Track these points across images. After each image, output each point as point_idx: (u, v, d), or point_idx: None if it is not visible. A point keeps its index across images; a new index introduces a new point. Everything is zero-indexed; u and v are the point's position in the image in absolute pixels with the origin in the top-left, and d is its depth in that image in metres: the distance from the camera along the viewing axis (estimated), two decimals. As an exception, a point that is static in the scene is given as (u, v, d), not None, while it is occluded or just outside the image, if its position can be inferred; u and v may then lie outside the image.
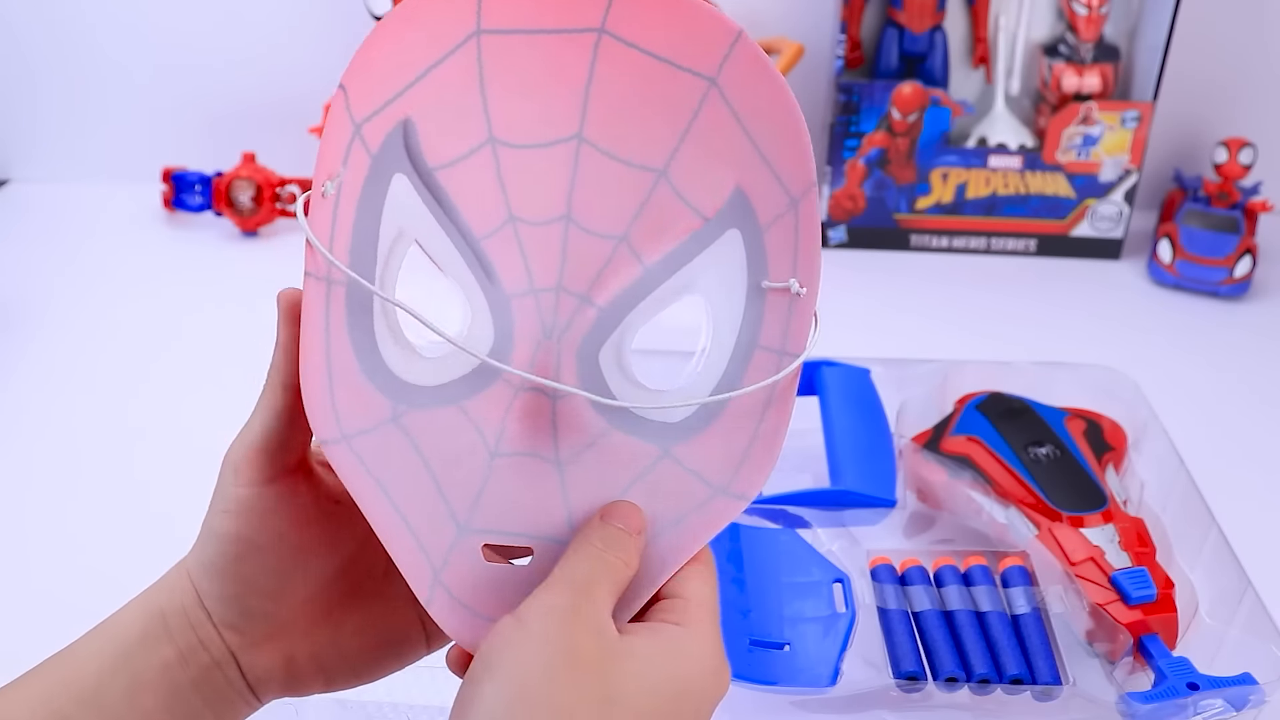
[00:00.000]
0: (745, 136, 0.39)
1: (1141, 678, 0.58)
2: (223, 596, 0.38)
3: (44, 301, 0.99)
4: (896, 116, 1.03)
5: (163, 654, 0.38)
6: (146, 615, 0.39)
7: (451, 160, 0.38)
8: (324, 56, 1.12)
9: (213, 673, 0.39)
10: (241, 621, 0.39)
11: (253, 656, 0.39)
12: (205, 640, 0.39)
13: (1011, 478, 0.68)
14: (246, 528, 0.38)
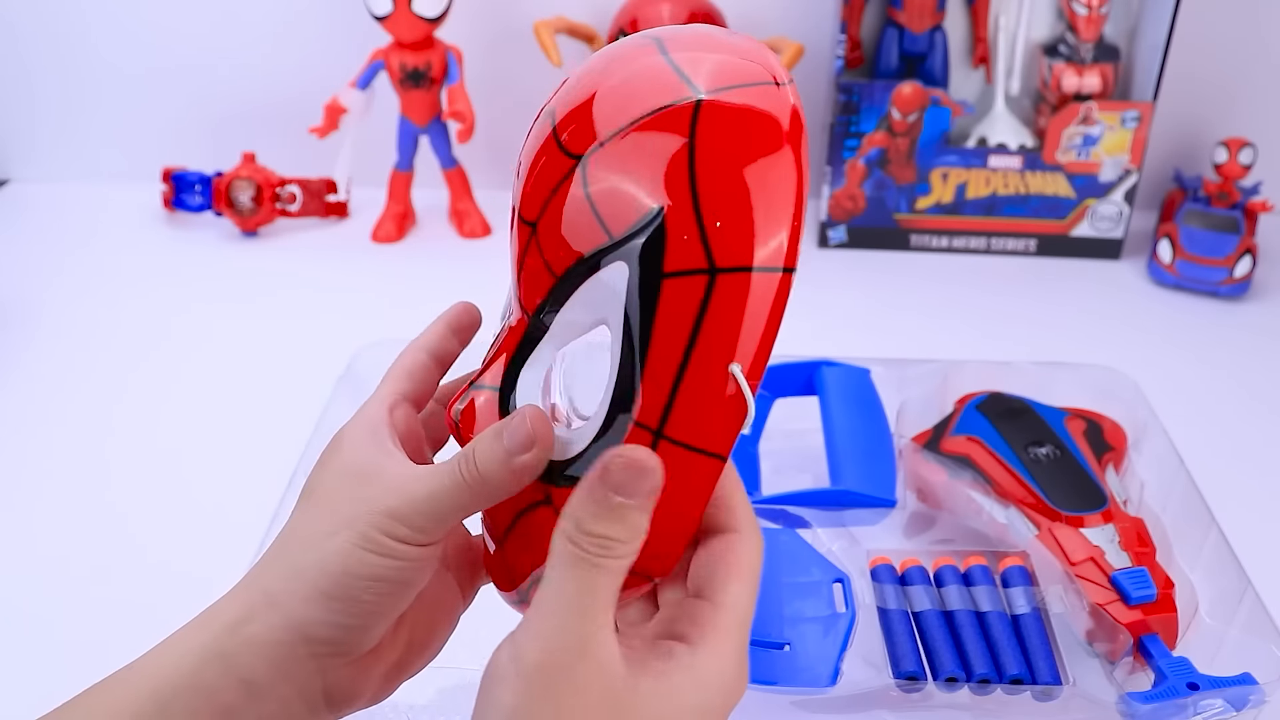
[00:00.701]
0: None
1: (1141, 678, 0.58)
2: (349, 626, 0.36)
3: (43, 301, 0.99)
4: (896, 116, 1.03)
5: (224, 698, 0.35)
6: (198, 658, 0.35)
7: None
8: (324, 56, 1.12)
9: (291, 702, 0.36)
10: (354, 646, 0.37)
11: (348, 672, 0.37)
12: (292, 672, 0.36)
13: (1011, 478, 0.68)
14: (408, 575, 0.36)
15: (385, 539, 0.36)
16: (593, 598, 0.32)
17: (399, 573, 0.36)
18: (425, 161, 1.10)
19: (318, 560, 0.36)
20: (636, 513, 0.32)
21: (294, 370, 0.87)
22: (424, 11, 1.00)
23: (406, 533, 0.36)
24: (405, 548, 0.36)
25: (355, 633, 0.36)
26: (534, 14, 1.06)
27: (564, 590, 0.32)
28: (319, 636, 0.36)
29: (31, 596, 0.67)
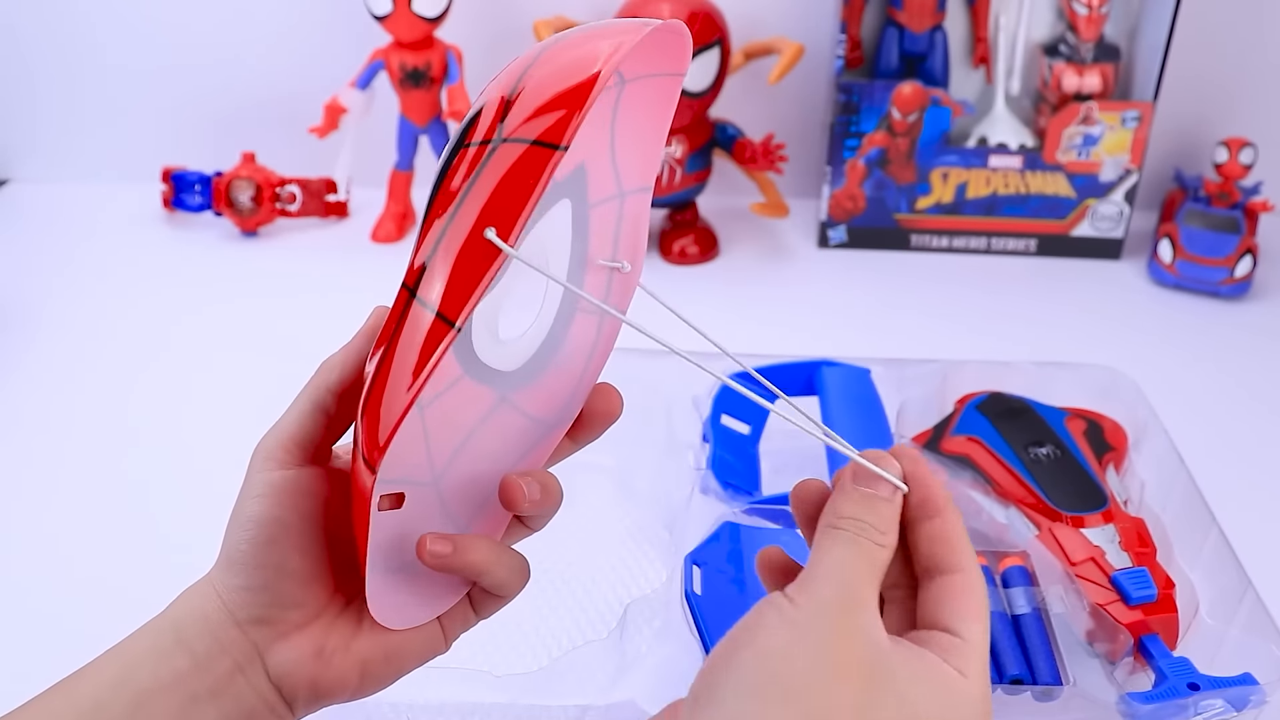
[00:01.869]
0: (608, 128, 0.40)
1: (1142, 678, 0.58)
2: (251, 586, 0.38)
3: (43, 301, 0.99)
4: (896, 116, 1.03)
5: (174, 665, 0.37)
6: (156, 630, 0.39)
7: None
8: (324, 56, 1.12)
9: (234, 679, 0.38)
10: (270, 612, 0.39)
11: (282, 651, 0.39)
12: (226, 643, 0.38)
13: (1012, 478, 0.68)
14: (277, 507, 0.38)
15: (262, 476, 0.39)
16: (860, 568, 0.34)
17: (270, 508, 0.38)
18: (425, 161, 1.10)
19: (227, 530, 0.40)
20: (886, 504, 0.36)
21: (294, 370, 0.86)
22: (424, 11, 1.00)
23: (276, 458, 0.39)
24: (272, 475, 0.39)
25: (265, 594, 0.39)
26: (534, 14, 1.06)
27: (836, 558, 0.34)
28: (235, 602, 0.39)
29: (34, 596, 0.67)
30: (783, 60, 1.02)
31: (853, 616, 0.33)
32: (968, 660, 0.34)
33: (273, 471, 0.39)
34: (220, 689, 0.38)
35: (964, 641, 0.35)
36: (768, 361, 0.77)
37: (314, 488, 0.40)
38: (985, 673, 0.35)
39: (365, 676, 0.40)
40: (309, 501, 0.39)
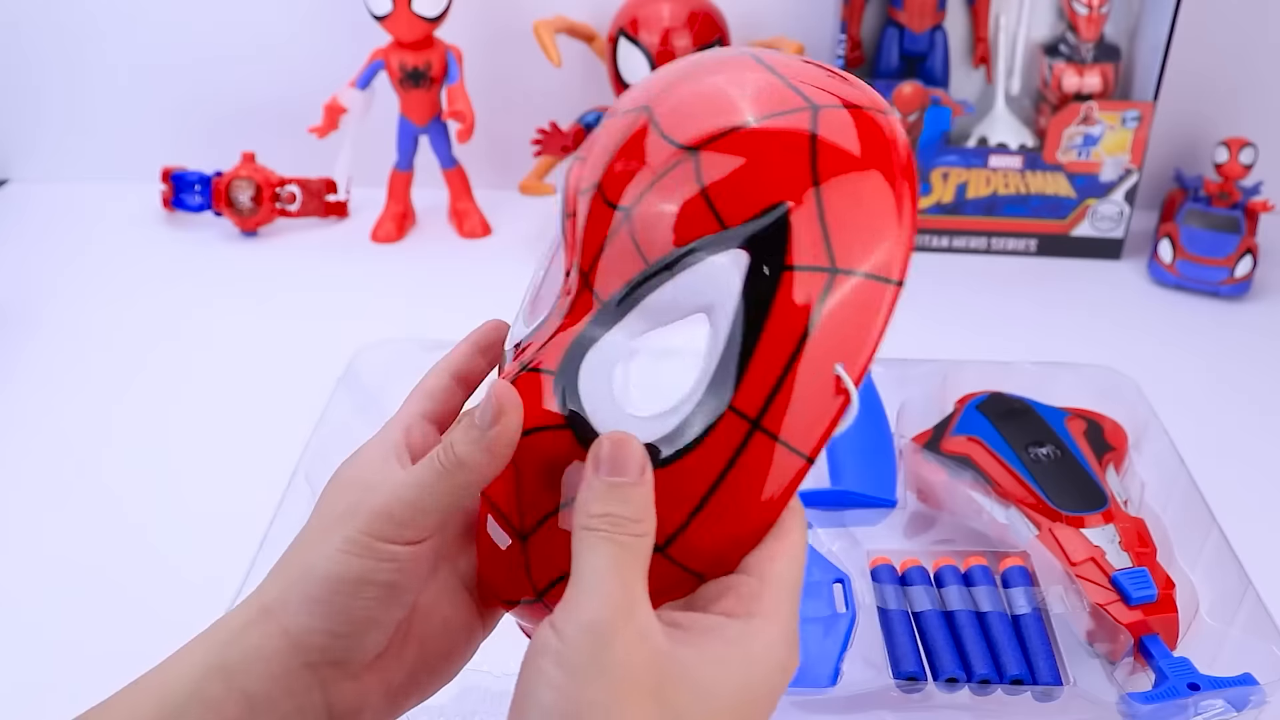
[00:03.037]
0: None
1: (1142, 678, 0.58)
2: (338, 634, 0.36)
3: (43, 301, 0.99)
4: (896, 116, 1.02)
5: (226, 712, 0.34)
6: (202, 671, 0.35)
7: None
8: (324, 56, 1.12)
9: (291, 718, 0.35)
10: (349, 655, 0.36)
11: (350, 690, 0.37)
12: (292, 687, 0.35)
13: (1012, 478, 0.67)
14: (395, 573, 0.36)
15: (370, 540, 0.35)
16: (621, 572, 0.32)
17: (384, 574, 0.35)
18: (425, 161, 1.10)
19: (308, 567, 0.36)
20: (635, 489, 0.33)
21: (294, 370, 0.87)
22: (424, 11, 1.00)
23: (391, 531, 0.35)
24: (389, 547, 0.35)
25: (347, 640, 0.36)
26: (534, 14, 1.06)
27: (594, 567, 0.32)
28: (312, 645, 0.35)
29: (32, 598, 0.67)
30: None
31: (622, 633, 0.31)
32: (757, 601, 0.33)
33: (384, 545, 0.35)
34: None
35: (759, 581, 0.33)
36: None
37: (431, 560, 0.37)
38: (782, 607, 0.33)
39: (424, 692, 0.40)
40: (424, 568, 0.37)
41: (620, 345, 0.36)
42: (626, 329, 0.36)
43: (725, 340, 0.34)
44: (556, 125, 1.05)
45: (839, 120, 0.35)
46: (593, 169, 0.38)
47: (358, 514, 0.36)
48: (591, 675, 0.31)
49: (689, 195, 0.35)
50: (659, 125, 0.36)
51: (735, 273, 0.34)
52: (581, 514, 0.33)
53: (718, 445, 0.34)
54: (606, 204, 0.37)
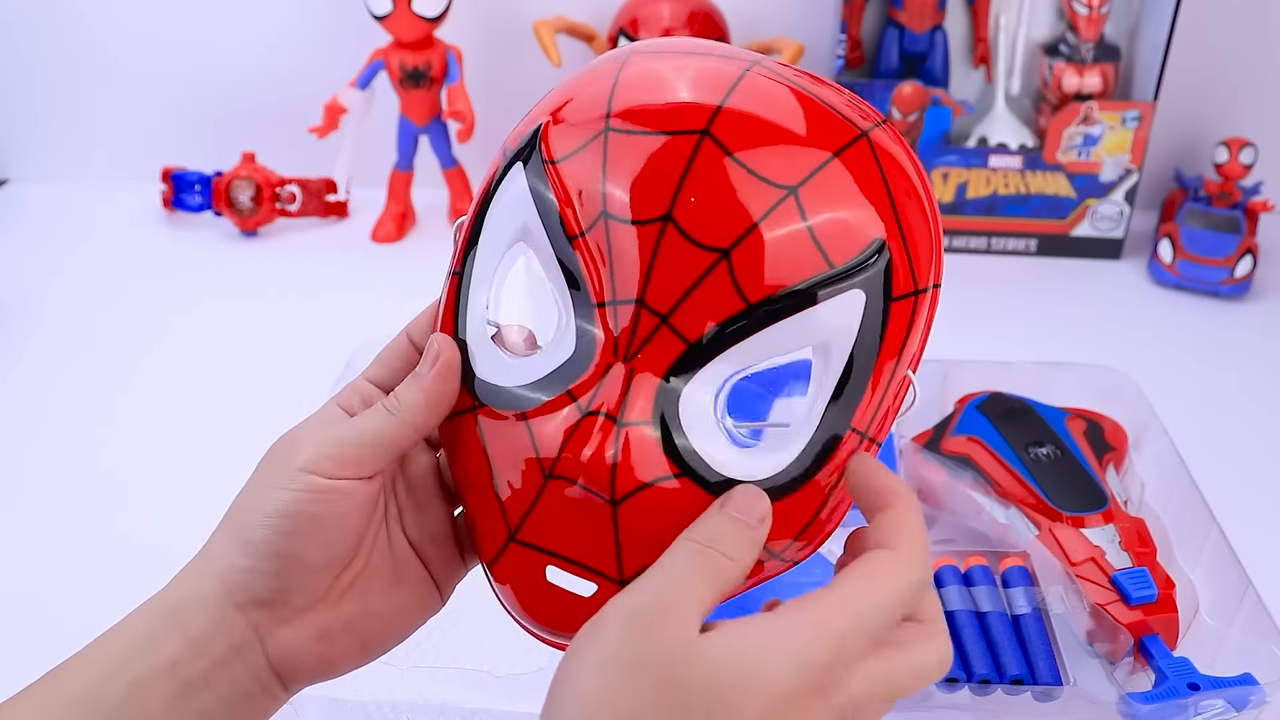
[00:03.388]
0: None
1: (1142, 678, 0.58)
2: (260, 570, 0.37)
3: (43, 301, 0.99)
4: (897, 116, 1.02)
5: (168, 650, 0.37)
6: (149, 615, 0.38)
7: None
8: (324, 56, 1.12)
9: (230, 662, 0.37)
10: (276, 596, 0.38)
11: (284, 635, 0.38)
12: (224, 625, 0.37)
13: (1012, 478, 0.67)
14: (312, 504, 0.37)
15: (301, 473, 0.37)
16: (692, 578, 0.33)
17: (309, 505, 0.37)
18: (425, 161, 1.10)
19: (240, 508, 0.38)
20: (748, 530, 0.35)
21: (294, 370, 0.87)
22: (424, 11, 1.00)
23: (326, 466, 0.37)
24: (318, 479, 0.37)
25: (273, 581, 0.37)
26: (534, 14, 1.06)
27: (673, 565, 0.34)
28: (238, 584, 0.37)
29: (31, 595, 0.67)
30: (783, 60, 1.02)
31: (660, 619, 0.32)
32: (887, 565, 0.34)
33: (316, 477, 0.37)
34: (215, 671, 0.37)
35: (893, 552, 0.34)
36: (768, 361, 0.77)
37: (361, 501, 0.38)
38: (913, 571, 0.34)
39: (368, 649, 0.40)
40: (349, 505, 0.38)
41: (720, 381, 0.36)
42: (725, 364, 0.36)
43: (839, 373, 0.36)
44: (556, 125, 1.06)
45: (886, 139, 0.37)
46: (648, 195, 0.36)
47: (296, 454, 0.38)
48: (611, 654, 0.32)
49: (795, 235, 0.35)
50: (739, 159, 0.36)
51: (854, 314, 0.36)
52: (691, 529, 0.35)
53: (838, 463, 0.37)
54: (690, 241, 0.35)
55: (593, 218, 0.37)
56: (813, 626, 0.32)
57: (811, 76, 0.39)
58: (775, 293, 0.35)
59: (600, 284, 0.37)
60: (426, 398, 0.39)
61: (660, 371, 0.36)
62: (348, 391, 0.41)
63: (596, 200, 0.37)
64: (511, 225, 0.39)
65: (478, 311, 0.39)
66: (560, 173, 0.37)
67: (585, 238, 0.37)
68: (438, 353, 0.39)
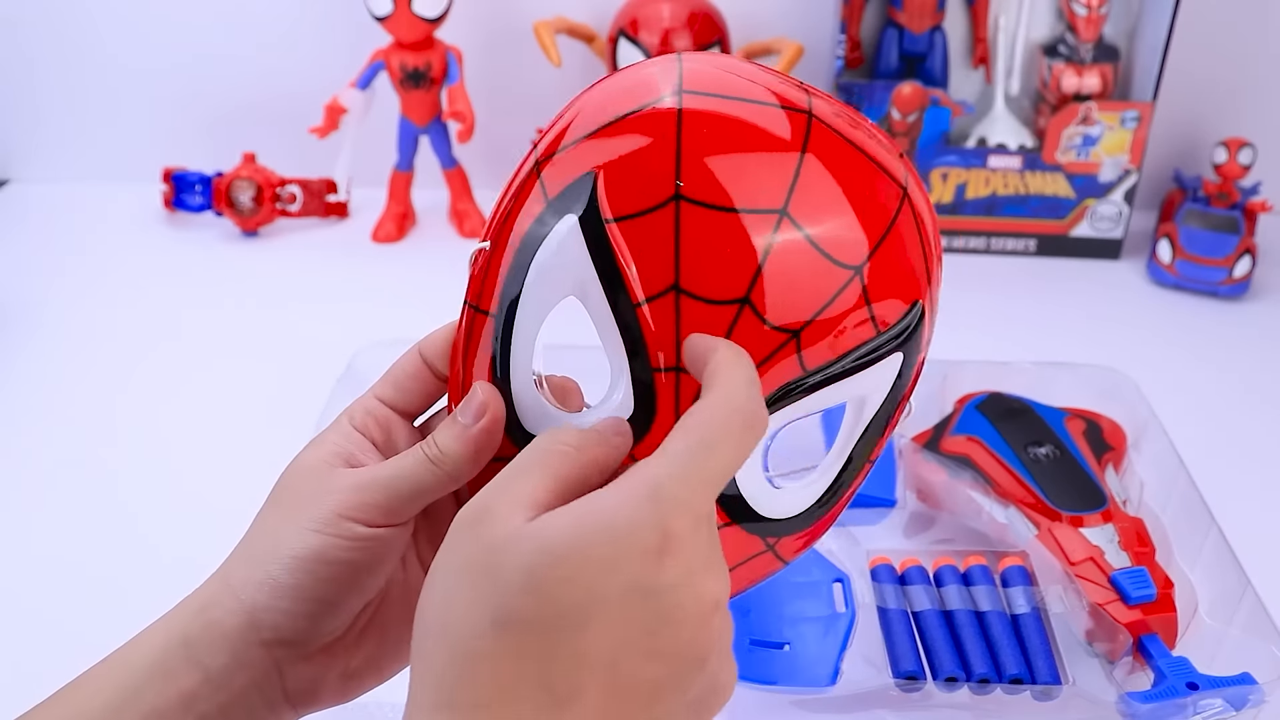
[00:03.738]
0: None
1: (1141, 677, 0.59)
2: (294, 614, 0.36)
3: (43, 301, 0.99)
4: (896, 116, 1.03)
5: (183, 683, 0.35)
6: (164, 643, 0.36)
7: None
8: (324, 56, 1.12)
9: (249, 694, 0.36)
10: (303, 636, 0.37)
11: (305, 671, 0.37)
12: (247, 661, 0.36)
13: (1011, 478, 0.68)
14: (351, 552, 0.36)
15: (339, 519, 0.36)
16: (525, 471, 0.32)
17: (348, 553, 0.36)
18: (425, 161, 1.10)
19: (273, 546, 0.37)
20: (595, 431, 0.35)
21: (294, 370, 0.87)
22: (424, 12, 1.00)
23: (363, 513, 0.36)
24: (358, 528, 0.36)
25: (303, 621, 0.36)
26: (534, 14, 1.06)
27: (507, 467, 0.33)
28: (269, 623, 0.36)
29: (32, 595, 0.67)
30: (783, 60, 1.02)
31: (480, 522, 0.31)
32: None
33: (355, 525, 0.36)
34: (232, 705, 0.36)
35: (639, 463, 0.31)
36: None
37: (397, 548, 0.38)
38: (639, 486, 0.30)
39: (382, 676, 0.40)
40: (386, 551, 0.37)
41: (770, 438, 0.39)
42: (775, 420, 0.38)
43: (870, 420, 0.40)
44: (556, 125, 1.06)
45: (917, 193, 0.39)
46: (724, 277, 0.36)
47: (331, 494, 0.37)
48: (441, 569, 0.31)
49: (857, 310, 0.37)
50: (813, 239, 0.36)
51: (891, 374, 0.39)
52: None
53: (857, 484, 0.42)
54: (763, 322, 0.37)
55: (660, 289, 0.36)
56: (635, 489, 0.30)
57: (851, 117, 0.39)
58: (832, 360, 0.38)
59: (661, 350, 0.37)
60: (473, 451, 0.37)
61: None
62: (361, 413, 0.40)
63: (668, 272, 0.36)
64: (565, 279, 0.37)
65: (522, 361, 0.38)
66: (621, 234, 0.36)
67: (647, 306, 0.36)
68: (483, 403, 0.37)
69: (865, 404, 0.39)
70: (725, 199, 0.36)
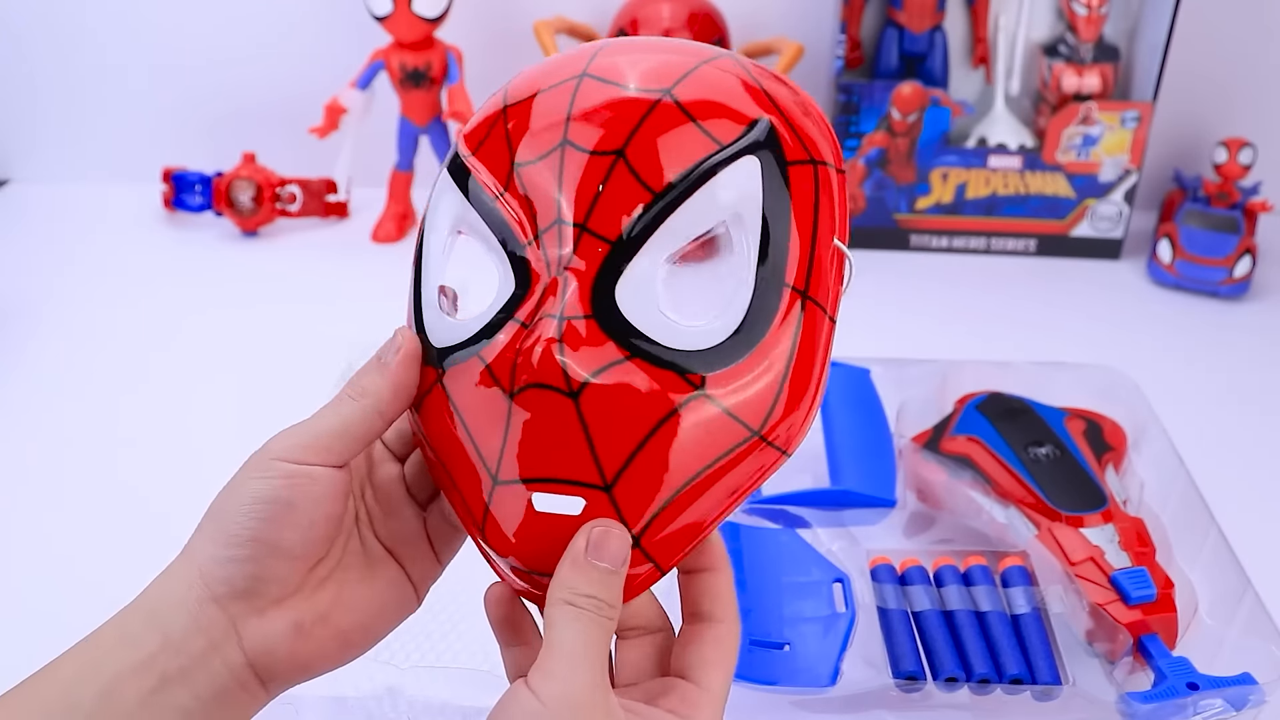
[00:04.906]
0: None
1: (1141, 678, 0.59)
2: (238, 559, 0.38)
3: (43, 301, 0.99)
4: (896, 116, 1.03)
5: (144, 648, 0.37)
6: (127, 615, 0.39)
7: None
8: (324, 57, 1.12)
9: (208, 658, 0.38)
10: (254, 585, 0.38)
11: (259, 626, 0.38)
12: (204, 621, 0.38)
13: (1011, 478, 0.68)
14: (286, 490, 0.38)
15: (272, 460, 0.39)
16: (600, 651, 0.36)
17: (283, 490, 0.38)
18: (425, 161, 1.10)
19: (220, 504, 0.39)
20: (616, 577, 0.37)
21: (293, 370, 0.87)
22: (424, 11, 1.00)
23: (295, 453, 0.39)
24: (288, 465, 0.39)
25: (253, 566, 0.38)
26: (534, 14, 1.06)
27: (576, 643, 0.36)
28: (221, 576, 0.38)
29: (33, 594, 0.67)
30: (783, 60, 1.02)
31: (597, 697, 0.35)
32: (698, 706, 0.38)
33: (287, 464, 0.39)
34: (192, 668, 0.37)
35: (700, 689, 0.38)
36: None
37: (333, 487, 0.40)
38: (717, 714, 0.38)
39: (345, 646, 0.41)
40: (321, 490, 0.39)
41: (651, 268, 0.38)
42: (651, 254, 0.38)
43: (758, 235, 0.38)
44: (556, 125, 1.06)
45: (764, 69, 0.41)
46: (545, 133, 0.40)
47: (270, 448, 0.39)
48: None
49: (682, 125, 0.38)
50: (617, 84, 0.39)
51: (753, 179, 0.38)
52: (566, 589, 0.37)
53: (785, 322, 0.38)
54: (597, 154, 0.38)
55: (506, 175, 0.40)
56: None
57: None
58: (675, 177, 0.38)
59: (526, 225, 0.39)
60: (391, 383, 0.40)
61: (592, 273, 0.38)
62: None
63: (507, 159, 0.40)
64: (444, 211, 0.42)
65: (430, 295, 0.42)
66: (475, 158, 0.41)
67: (505, 195, 0.40)
68: (400, 342, 0.41)
69: (743, 219, 0.38)
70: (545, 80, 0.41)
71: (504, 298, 0.39)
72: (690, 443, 0.37)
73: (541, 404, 0.38)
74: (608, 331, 0.37)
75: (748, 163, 0.38)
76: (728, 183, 0.38)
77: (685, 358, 0.37)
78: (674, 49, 0.41)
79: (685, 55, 0.40)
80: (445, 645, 0.62)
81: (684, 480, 0.38)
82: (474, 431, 0.39)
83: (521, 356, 0.38)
